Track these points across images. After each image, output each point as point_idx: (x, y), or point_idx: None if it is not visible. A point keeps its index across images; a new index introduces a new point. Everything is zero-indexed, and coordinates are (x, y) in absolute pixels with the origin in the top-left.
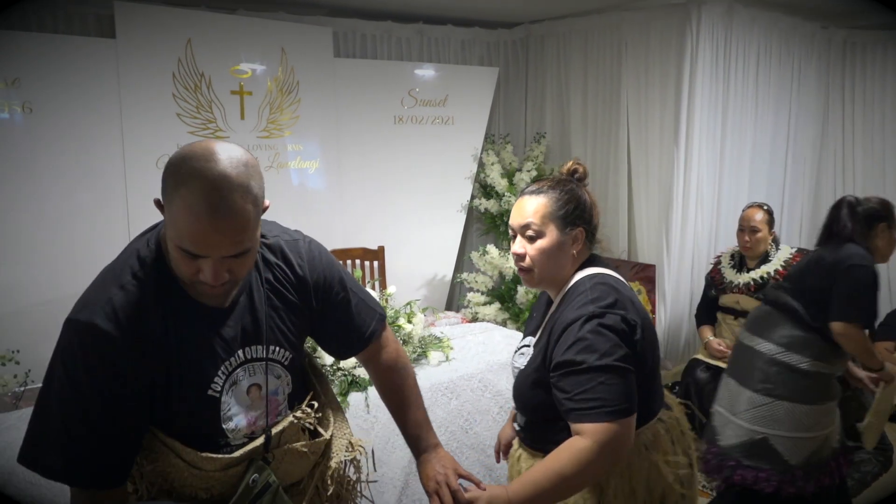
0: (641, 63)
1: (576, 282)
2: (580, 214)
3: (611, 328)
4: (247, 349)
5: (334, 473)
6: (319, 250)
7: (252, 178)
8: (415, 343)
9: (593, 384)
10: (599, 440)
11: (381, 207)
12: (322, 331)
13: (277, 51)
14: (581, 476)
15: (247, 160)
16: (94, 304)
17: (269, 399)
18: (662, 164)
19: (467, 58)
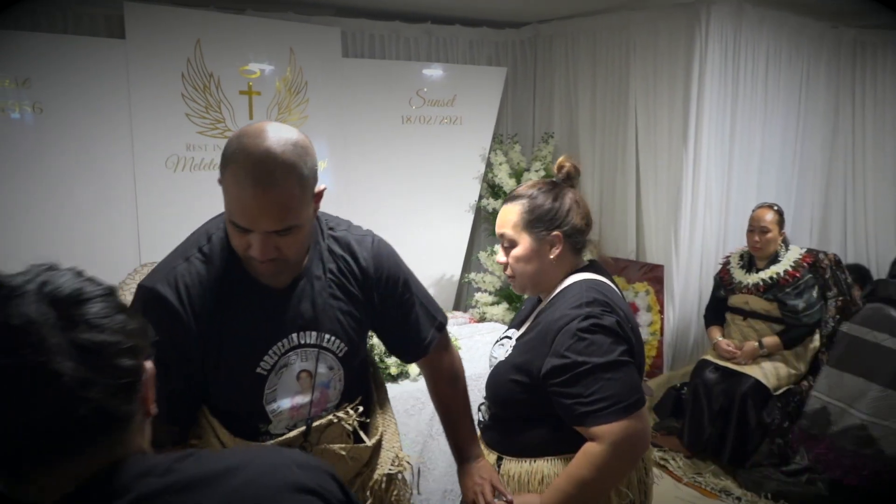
0: (650, 63)
1: (567, 285)
2: (552, 219)
3: (607, 328)
4: (301, 334)
5: (375, 486)
6: (388, 249)
7: (301, 157)
8: None
9: (601, 383)
10: (614, 441)
11: (388, 207)
12: (382, 329)
13: (286, 51)
14: (603, 480)
15: (297, 140)
16: (160, 273)
17: (317, 389)
18: (671, 165)
19: (475, 58)
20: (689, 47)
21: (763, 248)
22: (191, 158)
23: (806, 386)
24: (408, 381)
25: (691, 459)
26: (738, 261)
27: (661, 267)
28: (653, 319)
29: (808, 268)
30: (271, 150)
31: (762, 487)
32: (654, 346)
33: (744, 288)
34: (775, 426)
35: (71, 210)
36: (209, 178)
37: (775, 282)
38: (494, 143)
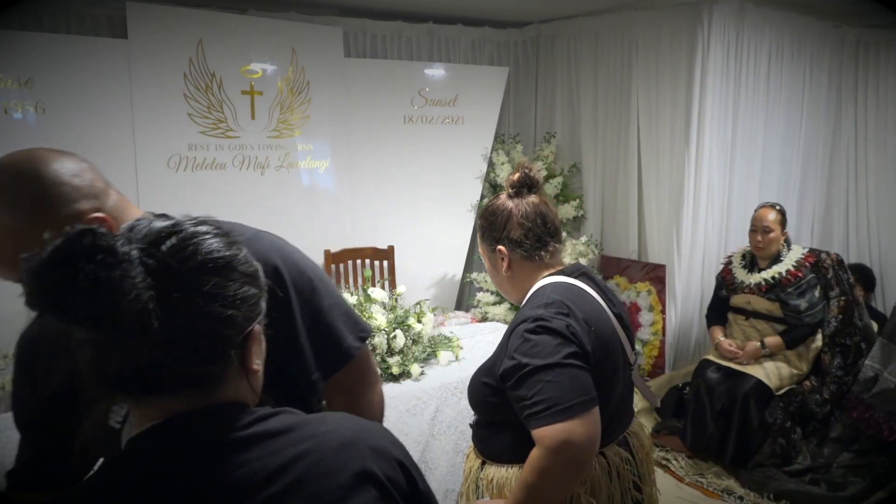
0: (652, 63)
1: (535, 290)
2: (493, 233)
3: (553, 330)
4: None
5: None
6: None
7: (10, 188)
8: (424, 342)
9: (541, 385)
10: (549, 444)
11: (390, 207)
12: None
13: (288, 51)
14: (544, 485)
15: (18, 169)
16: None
17: None
18: (673, 164)
19: (477, 57)
20: (691, 47)
21: (766, 247)
22: (193, 158)
23: (808, 386)
24: (409, 380)
25: (693, 459)
26: (740, 260)
27: (663, 267)
28: (655, 319)
29: (810, 268)
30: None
31: (764, 488)
32: (655, 345)
33: (746, 288)
34: (777, 426)
35: None
36: (211, 177)
37: (777, 282)
38: (496, 143)
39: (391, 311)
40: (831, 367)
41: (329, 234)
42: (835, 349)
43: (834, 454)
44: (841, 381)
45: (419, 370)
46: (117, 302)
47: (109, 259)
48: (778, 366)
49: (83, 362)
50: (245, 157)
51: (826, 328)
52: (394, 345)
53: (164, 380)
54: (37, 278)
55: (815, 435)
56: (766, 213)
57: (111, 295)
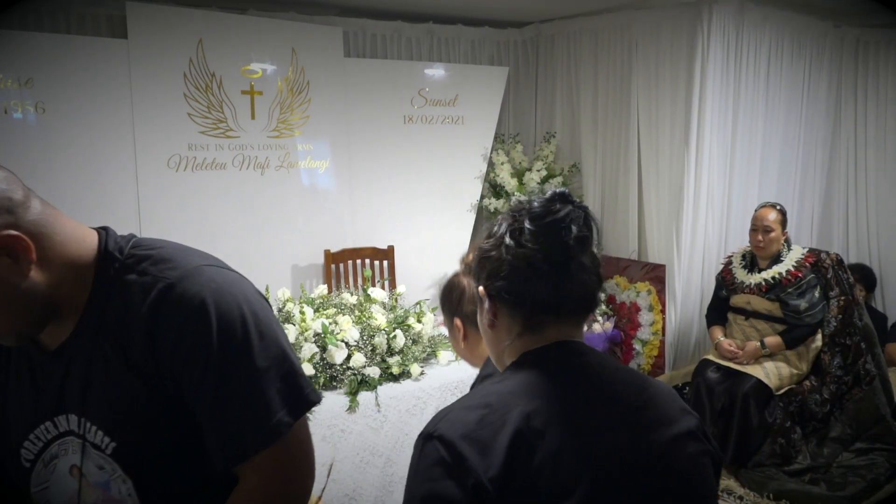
0: (652, 62)
1: (485, 364)
2: (449, 305)
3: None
4: (66, 417)
5: None
6: (191, 303)
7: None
8: (424, 342)
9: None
10: None
11: (390, 207)
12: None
13: (288, 51)
14: None
15: None
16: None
17: (94, 489)
18: (673, 164)
19: (477, 57)
20: (691, 46)
21: (766, 247)
22: (193, 158)
23: (808, 386)
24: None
25: None
26: (740, 260)
27: (663, 266)
28: (654, 319)
29: (810, 268)
30: None
31: (764, 487)
32: (655, 345)
33: (746, 288)
34: (777, 426)
35: (73, 209)
36: (211, 177)
37: (777, 282)
38: (496, 143)
39: (391, 310)
40: (831, 366)
41: (329, 234)
42: (835, 349)
43: (834, 454)
44: (841, 381)
45: (419, 370)
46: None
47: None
48: (778, 366)
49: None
50: (245, 157)
51: (826, 328)
52: (394, 345)
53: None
54: None
55: (814, 435)
56: (766, 212)
57: None
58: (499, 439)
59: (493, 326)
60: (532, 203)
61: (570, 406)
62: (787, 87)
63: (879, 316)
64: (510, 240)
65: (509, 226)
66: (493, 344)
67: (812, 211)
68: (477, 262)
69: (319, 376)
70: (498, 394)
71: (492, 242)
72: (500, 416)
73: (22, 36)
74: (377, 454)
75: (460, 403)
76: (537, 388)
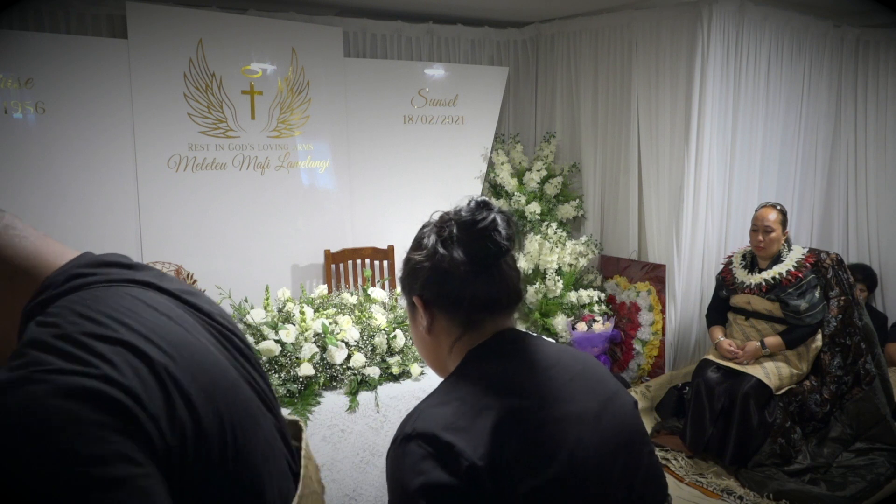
0: (652, 62)
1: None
2: (406, 275)
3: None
4: None
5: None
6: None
7: None
8: None
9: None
10: None
11: (390, 207)
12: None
13: (288, 51)
14: None
15: None
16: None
17: None
18: (673, 164)
19: (477, 57)
20: (691, 46)
21: (767, 247)
22: (193, 158)
23: (808, 386)
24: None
25: (693, 459)
26: (740, 260)
27: (663, 266)
28: (654, 319)
29: (810, 268)
30: None
31: (764, 487)
32: (655, 345)
33: (746, 288)
34: (777, 426)
35: (73, 210)
36: (211, 177)
37: (778, 282)
38: (496, 143)
39: (391, 311)
40: (831, 366)
41: (329, 234)
42: (835, 349)
43: (834, 454)
44: (841, 381)
45: (419, 370)
46: None
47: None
48: (778, 366)
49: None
50: (245, 157)
51: (826, 328)
52: (394, 345)
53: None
54: None
55: (814, 435)
56: (767, 212)
57: None
58: (479, 424)
59: (430, 332)
60: (460, 213)
61: (531, 385)
62: (787, 87)
63: (879, 316)
64: (443, 249)
65: (438, 236)
66: (432, 349)
67: (812, 211)
68: (408, 274)
69: (319, 376)
70: (464, 387)
71: (424, 253)
72: (472, 405)
73: (22, 36)
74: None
75: (428, 403)
76: (497, 375)
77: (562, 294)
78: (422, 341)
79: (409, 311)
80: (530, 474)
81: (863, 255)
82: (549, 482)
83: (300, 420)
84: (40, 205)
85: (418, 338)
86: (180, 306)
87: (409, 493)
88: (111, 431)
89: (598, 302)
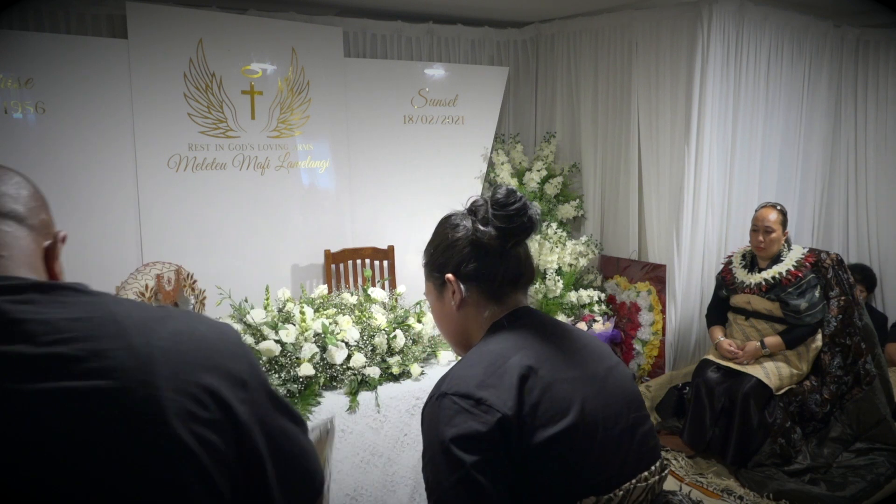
0: (652, 62)
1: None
2: (441, 254)
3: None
4: None
5: None
6: None
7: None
8: (424, 342)
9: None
10: None
11: (390, 207)
12: None
13: (288, 51)
14: None
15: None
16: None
17: None
18: (673, 164)
19: (477, 57)
20: (691, 46)
21: (767, 247)
22: (193, 158)
23: (808, 386)
24: (409, 380)
25: (693, 459)
26: (740, 260)
27: (664, 266)
28: (655, 319)
29: (810, 268)
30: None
31: (764, 487)
32: (655, 345)
33: (746, 288)
34: (777, 426)
35: (73, 210)
36: (211, 177)
37: (778, 282)
38: (496, 143)
39: (391, 311)
40: (831, 366)
41: (329, 234)
42: (835, 349)
43: (834, 454)
44: (841, 381)
45: (419, 370)
46: None
47: None
48: (778, 366)
49: None
50: (245, 157)
51: (826, 328)
52: (394, 345)
53: None
54: None
55: (814, 435)
56: (767, 212)
57: None
58: (506, 381)
59: (460, 307)
60: (494, 196)
61: (547, 350)
62: (787, 87)
63: (879, 316)
64: (482, 227)
65: (474, 217)
66: (459, 325)
67: (812, 211)
68: (441, 253)
69: (320, 376)
70: (491, 352)
71: (462, 232)
72: (499, 365)
73: (22, 36)
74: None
75: (459, 367)
76: (520, 340)
77: (562, 294)
78: (449, 318)
79: (434, 292)
80: (548, 425)
81: (863, 254)
82: (563, 432)
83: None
84: None
85: (445, 315)
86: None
87: (445, 443)
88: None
89: (598, 302)
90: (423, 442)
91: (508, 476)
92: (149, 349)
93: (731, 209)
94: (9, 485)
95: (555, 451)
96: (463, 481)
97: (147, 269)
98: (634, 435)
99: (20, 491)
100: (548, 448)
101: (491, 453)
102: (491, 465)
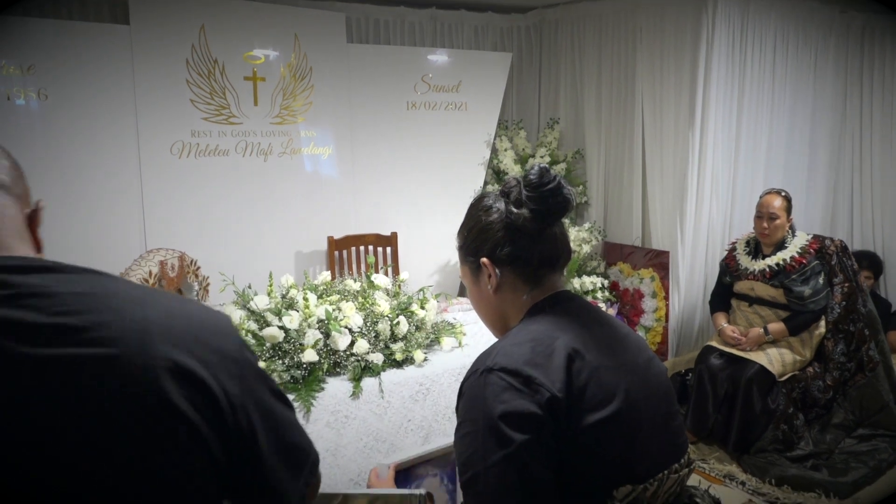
0: (656, 48)
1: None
2: (474, 238)
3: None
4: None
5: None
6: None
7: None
8: (428, 329)
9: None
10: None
11: (393, 193)
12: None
13: (290, 37)
14: None
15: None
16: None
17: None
18: (677, 150)
19: (480, 43)
20: (695, 32)
21: (771, 234)
22: (196, 144)
23: (811, 372)
24: (413, 366)
25: (696, 445)
26: (744, 247)
27: (667, 253)
28: (658, 306)
29: (814, 254)
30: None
31: (766, 473)
32: (658, 332)
33: (749, 274)
34: (780, 412)
35: (76, 196)
36: (214, 164)
37: (781, 268)
38: (500, 129)
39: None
40: (834, 353)
41: (332, 221)
42: (838, 335)
43: (836, 440)
44: (844, 368)
45: (422, 356)
46: None
47: None
48: (781, 352)
49: None
50: (248, 143)
51: (829, 315)
52: (397, 331)
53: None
54: None
55: (817, 421)
56: (771, 199)
57: None
58: (554, 361)
59: (497, 291)
60: (527, 177)
61: (591, 334)
62: (792, 74)
63: (883, 302)
64: (515, 209)
65: (507, 201)
66: (497, 308)
67: (817, 198)
68: (476, 237)
69: (323, 362)
70: (537, 331)
71: (496, 216)
72: (546, 345)
73: (23, 22)
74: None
75: (504, 343)
76: (563, 324)
77: (565, 281)
78: (486, 302)
79: (471, 276)
80: (595, 409)
81: (867, 242)
82: (608, 418)
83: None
84: (42, 192)
85: (483, 299)
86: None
87: (493, 419)
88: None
89: (601, 289)
90: (461, 416)
91: (553, 458)
92: (145, 323)
93: (735, 196)
94: (15, 444)
95: (599, 436)
96: (509, 459)
97: (151, 255)
98: (668, 428)
99: (25, 453)
100: (592, 433)
101: (539, 433)
102: (538, 446)
